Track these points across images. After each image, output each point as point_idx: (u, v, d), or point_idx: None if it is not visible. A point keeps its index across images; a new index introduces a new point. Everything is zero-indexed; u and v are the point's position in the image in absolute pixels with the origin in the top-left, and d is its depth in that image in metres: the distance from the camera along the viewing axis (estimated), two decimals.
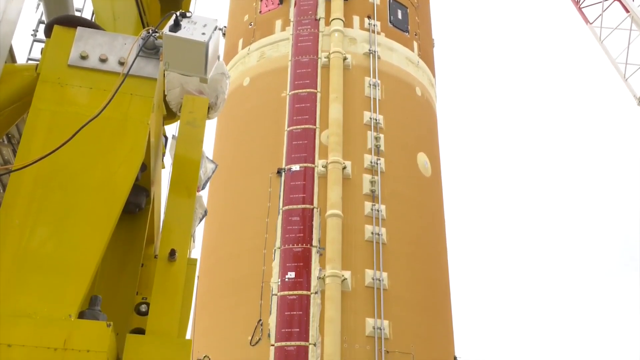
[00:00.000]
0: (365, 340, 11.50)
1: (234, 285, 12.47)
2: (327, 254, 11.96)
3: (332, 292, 11.57)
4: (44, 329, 3.08)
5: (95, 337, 3.12)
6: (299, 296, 11.74)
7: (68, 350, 3.04)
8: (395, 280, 12.34)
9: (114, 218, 3.48)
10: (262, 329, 11.59)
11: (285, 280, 11.94)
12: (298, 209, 12.52)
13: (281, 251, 12.24)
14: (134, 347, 3.56)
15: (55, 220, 3.44)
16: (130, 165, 3.64)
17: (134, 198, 4.39)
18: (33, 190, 3.49)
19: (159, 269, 4.02)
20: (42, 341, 3.03)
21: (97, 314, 3.43)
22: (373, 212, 12.69)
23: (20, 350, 2.99)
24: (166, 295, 3.94)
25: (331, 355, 11.02)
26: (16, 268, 3.27)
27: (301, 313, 11.55)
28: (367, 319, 11.67)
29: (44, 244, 3.39)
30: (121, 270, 4.50)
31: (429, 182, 14.42)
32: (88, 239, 3.39)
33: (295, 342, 11.30)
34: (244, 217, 13.14)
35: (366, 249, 12.34)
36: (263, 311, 11.82)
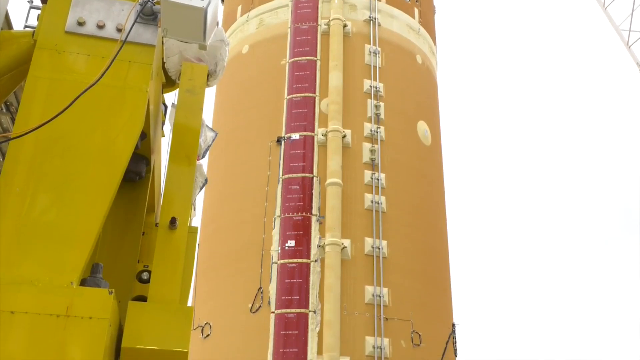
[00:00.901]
0: (364, 308, 11.62)
1: (234, 254, 12.54)
2: (326, 223, 12.00)
3: (331, 260, 11.65)
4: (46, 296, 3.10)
5: (98, 304, 3.14)
6: (298, 264, 11.82)
7: (71, 317, 3.06)
8: (395, 248, 12.41)
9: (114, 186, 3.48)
10: (262, 297, 11.69)
11: (285, 249, 12.00)
12: (298, 178, 12.53)
13: (281, 220, 12.28)
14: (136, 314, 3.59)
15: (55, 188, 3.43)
16: (130, 133, 3.62)
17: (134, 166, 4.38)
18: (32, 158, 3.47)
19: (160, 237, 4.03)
20: (44, 308, 3.05)
21: (99, 282, 3.45)
22: (373, 180, 12.70)
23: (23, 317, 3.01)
24: (167, 262, 3.96)
25: (331, 322, 11.14)
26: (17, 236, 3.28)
27: (301, 281, 11.64)
28: (367, 287, 11.77)
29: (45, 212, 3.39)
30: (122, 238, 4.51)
31: (429, 150, 14.40)
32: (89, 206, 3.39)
33: (295, 310, 11.41)
34: (243, 186, 13.15)
35: (366, 217, 12.38)
36: (263, 279, 11.91)
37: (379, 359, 11.21)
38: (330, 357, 10.85)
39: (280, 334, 11.23)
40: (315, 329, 11.16)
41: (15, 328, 3.01)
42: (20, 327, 3.01)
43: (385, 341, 11.41)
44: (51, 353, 2.99)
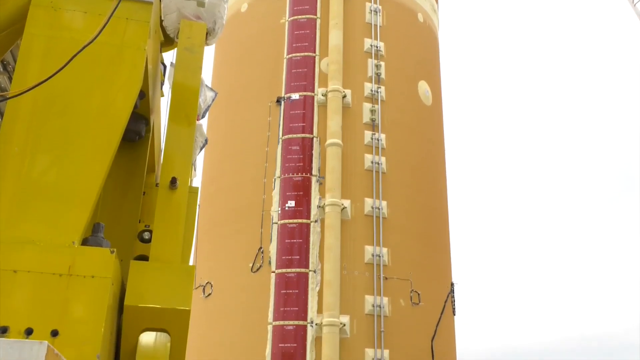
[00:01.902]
0: (364, 267, 11.71)
1: (235, 214, 12.59)
2: (326, 183, 12.01)
3: (331, 221, 11.70)
4: (48, 255, 3.11)
5: (99, 263, 3.16)
6: (299, 224, 11.87)
7: (73, 276, 3.08)
8: (394, 208, 12.45)
9: (114, 145, 3.46)
10: (262, 257, 11.78)
11: (285, 209, 12.04)
12: (298, 138, 12.48)
13: (281, 180, 12.29)
14: (138, 273, 3.61)
15: (54, 147, 3.42)
16: (129, 91, 3.59)
17: (134, 126, 4.35)
18: (31, 118, 3.45)
19: (161, 196, 4.03)
20: (47, 267, 3.07)
21: (101, 241, 3.46)
22: (373, 141, 12.66)
23: (25, 275, 3.03)
24: (168, 222, 3.97)
25: (331, 282, 11.24)
26: (18, 196, 3.28)
27: (301, 241, 11.71)
28: (366, 247, 11.85)
29: (45, 172, 3.38)
30: (123, 198, 4.52)
31: (429, 110, 14.31)
32: (89, 166, 3.38)
33: (296, 269, 11.51)
34: (243, 147, 13.12)
35: (366, 177, 12.39)
36: (264, 239, 11.98)
37: (378, 317, 11.35)
38: (330, 315, 10.99)
39: (280, 293, 11.36)
40: (316, 288, 11.28)
41: (18, 287, 3.03)
42: (23, 286, 3.04)
43: (385, 300, 11.54)
44: (54, 311, 3.02)
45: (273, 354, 10.95)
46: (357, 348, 11.08)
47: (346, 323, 11.08)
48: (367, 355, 11.06)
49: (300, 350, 10.90)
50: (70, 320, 3.02)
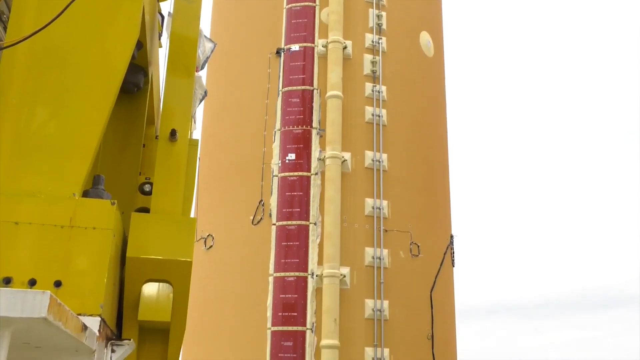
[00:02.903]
0: (364, 220, 11.77)
1: (235, 167, 12.58)
2: (327, 136, 11.96)
3: (332, 173, 11.70)
4: (49, 207, 3.12)
5: (101, 215, 3.17)
6: (299, 177, 11.88)
7: (74, 228, 3.10)
8: (395, 161, 12.44)
9: (112, 96, 3.43)
10: (263, 209, 11.83)
11: (285, 162, 12.03)
12: (298, 90, 12.37)
13: (281, 133, 12.24)
14: (140, 225, 3.63)
15: (53, 99, 3.39)
16: (126, 42, 3.54)
17: (132, 77, 4.31)
18: (28, 69, 3.41)
19: (161, 149, 4.02)
20: (48, 219, 3.08)
21: (101, 193, 3.46)
22: (374, 93, 12.55)
23: (27, 227, 3.05)
24: (169, 174, 3.97)
25: (331, 234, 11.32)
26: (17, 148, 3.26)
27: (301, 194, 11.74)
28: (367, 199, 11.88)
29: (44, 124, 3.36)
30: (123, 150, 4.51)
31: (431, 62, 14.14)
32: (87, 117, 3.36)
33: (296, 222, 11.57)
34: (243, 99, 13.02)
35: (366, 130, 12.33)
36: (264, 192, 12.01)
37: (378, 269, 11.47)
38: (330, 267, 11.11)
39: (281, 245, 11.45)
40: (316, 241, 11.36)
41: (20, 238, 3.05)
42: (25, 237, 3.05)
43: (385, 252, 11.64)
44: (57, 262, 3.04)
45: (274, 305, 11.12)
46: (357, 299, 11.24)
47: (346, 274, 11.20)
48: (367, 306, 11.23)
49: (301, 301, 11.06)
50: (73, 272, 3.05)
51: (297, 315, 10.98)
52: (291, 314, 10.99)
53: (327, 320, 10.75)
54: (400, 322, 11.42)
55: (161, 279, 3.63)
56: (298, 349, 10.78)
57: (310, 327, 10.85)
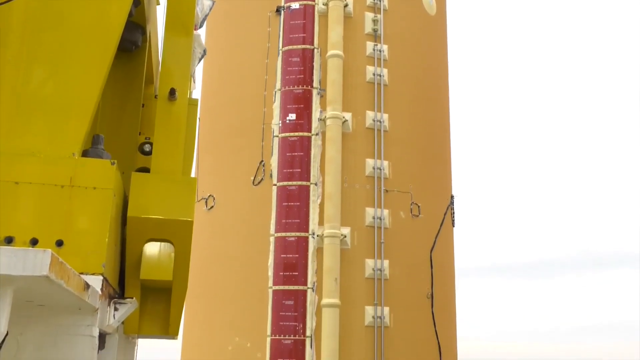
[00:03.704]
0: (365, 180, 11.77)
1: (235, 128, 12.53)
2: (327, 96, 11.88)
3: (332, 134, 11.65)
4: (49, 166, 3.11)
5: (101, 175, 3.16)
6: (299, 137, 11.84)
7: (75, 187, 3.10)
8: (396, 121, 12.37)
9: (109, 54, 3.39)
10: (264, 170, 11.82)
11: (286, 122, 11.97)
12: (298, 50, 12.23)
13: (281, 93, 12.14)
14: (140, 185, 3.63)
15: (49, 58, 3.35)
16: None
17: (129, 35, 4.25)
18: (24, 28, 3.36)
19: (160, 108, 3.99)
20: (48, 178, 3.08)
21: (101, 153, 3.45)
22: (375, 52, 12.40)
23: (27, 187, 3.04)
24: (169, 134, 3.96)
25: (332, 194, 11.34)
26: (16, 108, 3.24)
27: (302, 154, 11.71)
28: (367, 160, 11.86)
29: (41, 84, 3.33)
30: (122, 110, 4.48)
31: (433, 21, 13.93)
32: (85, 76, 3.32)
33: (297, 182, 11.58)
34: (243, 59, 12.87)
35: (367, 90, 12.23)
36: (265, 152, 11.98)
37: (378, 229, 11.53)
38: (331, 227, 11.16)
39: (282, 205, 11.48)
40: (317, 201, 11.39)
41: (21, 198, 3.05)
42: (26, 197, 3.06)
43: (385, 212, 11.68)
44: (58, 222, 3.05)
45: (275, 265, 11.21)
46: (357, 258, 11.33)
47: (347, 234, 11.26)
48: (367, 266, 11.32)
49: (301, 261, 11.15)
50: (75, 231, 3.06)
51: (298, 275, 11.09)
52: (292, 274, 11.10)
53: (328, 279, 10.86)
54: (400, 282, 11.54)
55: (162, 238, 3.66)
56: (299, 307, 10.92)
57: (311, 286, 10.96)
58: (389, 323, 11.15)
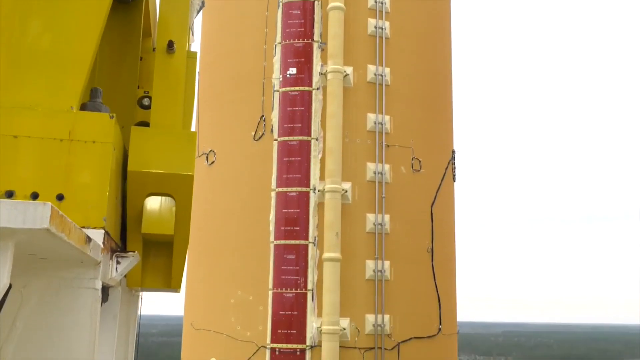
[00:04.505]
0: (366, 135, 11.73)
1: (235, 82, 12.41)
2: (328, 49, 11.72)
3: (333, 88, 11.55)
4: (47, 120, 3.09)
5: (100, 129, 3.14)
6: (300, 92, 11.74)
7: (74, 142, 3.08)
8: (398, 75, 12.25)
9: (106, 5, 3.32)
10: (264, 125, 11.77)
11: (286, 77, 11.85)
12: (298, 2, 12.01)
13: (282, 46, 11.99)
14: (140, 139, 3.61)
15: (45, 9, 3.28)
16: None
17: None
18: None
19: (158, 61, 3.94)
20: (47, 132, 3.06)
21: (99, 106, 3.42)
22: (376, 4, 12.17)
23: (26, 141, 3.03)
24: (167, 87, 3.92)
25: (333, 149, 11.32)
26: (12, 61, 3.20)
27: (303, 109, 11.64)
28: (369, 114, 11.79)
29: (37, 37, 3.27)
30: (120, 63, 4.42)
31: None
32: (81, 28, 3.26)
33: (298, 137, 11.54)
34: (242, 11, 12.66)
35: (369, 44, 12.07)
36: (265, 107, 11.90)
37: (379, 184, 11.54)
38: (332, 182, 11.18)
39: (283, 160, 11.47)
40: (318, 156, 11.37)
41: (20, 152, 3.04)
42: (25, 151, 3.04)
43: (386, 167, 11.67)
44: (58, 176, 3.04)
45: (277, 219, 11.27)
46: (358, 213, 11.38)
47: (348, 189, 11.29)
48: (368, 220, 11.38)
49: (303, 216, 11.20)
50: (75, 185, 3.05)
51: (299, 230, 11.15)
52: (293, 228, 11.16)
53: (329, 234, 10.93)
54: (400, 236, 11.61)
55: (163, 192, 3.65)
56: (300, 261, 11.02)
57: (312, 240, 11.04)
58: (389, 277, 11.27)
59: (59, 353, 2.81)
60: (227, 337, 11.03)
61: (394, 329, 11.06)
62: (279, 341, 10.68)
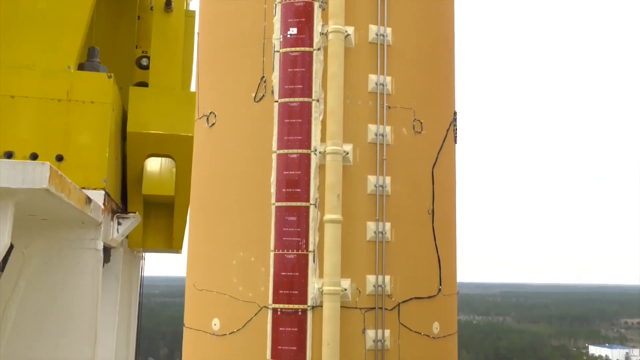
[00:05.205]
0: (367, 96, 11.64)
1: (235, 42, 12.25)
2: (329, 9, 11.54)
3: (335, 49, 11.41)
4: (45, 80, 3.06)
5: (98, 89, 3.11)
6: (301, 53, 11.61)
7: (72, 102, 3.05)
8: (400, 36, 12.09)
9: None
10: (265, 86, 11.67)
11: (287, 37, 11.70)
12: None
13: (282, 6, 11.80)
14: (139, 100, 3.58)
15: None
16: None
17: None
18: None
19: (156, 20, 3.88)
20: (44, 92, 3.03)
21: (97, 66, 3.38)
22: None
23: (24, 101, 3.00)
24: (166, 47, 3.87)
25: (334, 111, 11.25)
26: (9, 21, 3.15)
27: (304, 69, 11.52)
28: (370, 75, 11.68)
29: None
30: (117, 23, 4.36)
31: None
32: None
33: (299, 99, 11.46)
34: None
35: (370, 3, 11.86)
36: (266, 68, 11.79)
37: (381, 145, 11.51)
38: (333, 144, 11.15)
39: (284, 122, 11.41)
40: (319, 117, 11.32)
41: (18, 112, 3.01)
42: (23, 112, 3.02)
43: (388, 129, 11.62)
44: (57, 137, 3.02)
45: (278, 181, 11.28)
46: (359, 175, 11.38)
47: (349, 151, 11.27)
48: (369, 182, 11.39)
49: (304, 178, 11.20)
50: (74, 146, 3.04)
51: (300, 192, 11.16)
52: (295, 190, 11.17)
53: (330, 196, 10.95)
54: (401, 198, 11.63)
55: (163, 153, 3.64)
56: (302, 223, 11.06)
57: (313, 202, 11.07)
58: (390, 238, 11.34)
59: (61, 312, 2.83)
60: (230, 298, 11.15)
61: (394, 289, 11.18)
62: (280, 302, 10.80)
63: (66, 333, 2.91)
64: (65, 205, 2.23)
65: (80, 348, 2.85)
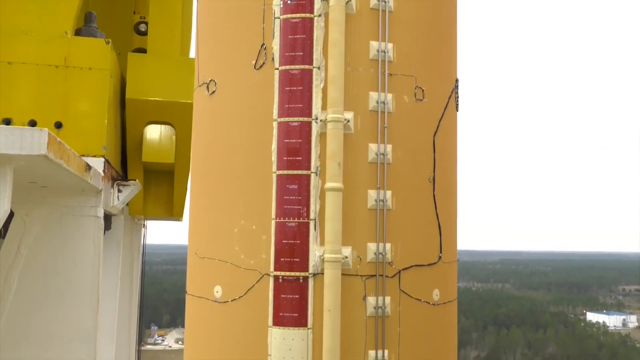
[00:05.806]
0: (369, 64, 11.54)
1: (235, 8, 12.09)
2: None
3: (336, 15, 11.27)
4: (42, 46, 3.01)
5: (96, 55, 3.07)
6: (302, 19, 11.47)
7: (70, 68, 3.01)
8: (401, 2, 11.89)
9: None
10: (265, 53, 11.57)
11: (287, 3, 11.55)
12: None
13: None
14: (137, 66, 3.53)
15: None
16: None
17: None
18: None
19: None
20: (42, 58, 2.99)
21: (94, 31, 3.33)
22: None
23: (21, 67, 2.96)
24: (164, 12, 3.80)
25: (335, 78, 11.18)
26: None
27: (304, 36, 11.40)
28: (371, 42, 11.57)
29: None
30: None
31: None
32: None
33: (300, 66, 11.36)
34: None
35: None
36: (266, 35, 11.66)
37: (382, 113, 11.46)
38: (334, 112, 11.09)
39: (285, 90, 11.34)
40: (320, 85, 11.24)
41: (16, 79, 2.98)
42: (21, 78, 2.98)
43: (389, 96, 11.56)
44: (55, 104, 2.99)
45: (279, 150, 11.26)
46: (360, 143, 11.35)
47: (350, 119, 11.22)
48: (371, 150, 11.37)
49: (305, 146, 11.18)
50: (73, 113, 3.01)
51: (301, 160, 11.15)
52: (296, 158, 11.15)
53: (331, 164, 10.94)
54: (402, 166, 11.62)
55: (162, 120, 3.61)
56: (303, 191, 11.07)
57: (314, 170, 11.06)
58: (391, 206, 11.36)
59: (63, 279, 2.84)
60: (232, 265, 11.22)
61: (395, 257, 11.24)
62: (282, 269, 10.87)
63: (68, 299, 2.93)
64: (65, 172, 2.22)
65: (82, 314, 2.87)
